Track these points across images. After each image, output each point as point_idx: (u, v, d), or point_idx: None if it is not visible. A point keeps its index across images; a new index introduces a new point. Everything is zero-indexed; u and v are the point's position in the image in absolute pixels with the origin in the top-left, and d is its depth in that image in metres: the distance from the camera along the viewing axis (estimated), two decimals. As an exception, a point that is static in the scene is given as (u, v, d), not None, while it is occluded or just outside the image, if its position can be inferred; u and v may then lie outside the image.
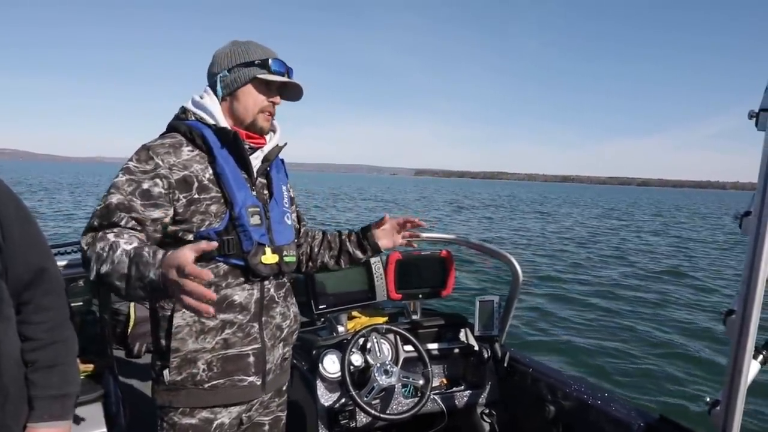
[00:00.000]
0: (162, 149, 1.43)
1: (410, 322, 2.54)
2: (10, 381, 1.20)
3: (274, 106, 1.56)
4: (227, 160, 1.48)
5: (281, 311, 1.60)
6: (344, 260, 1.87)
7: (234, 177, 1.48)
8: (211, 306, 1.40)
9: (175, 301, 1.39)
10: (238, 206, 1.45)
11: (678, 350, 6.33)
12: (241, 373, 1.50)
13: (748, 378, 1.24)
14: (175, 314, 1.44)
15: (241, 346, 1.50)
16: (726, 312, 1.26)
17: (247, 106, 1.52)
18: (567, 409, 2.12)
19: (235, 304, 1.48)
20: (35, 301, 1.25)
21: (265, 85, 1.53)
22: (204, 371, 1.46)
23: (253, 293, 1.51)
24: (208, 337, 1.45)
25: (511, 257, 2.44)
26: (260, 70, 1.51)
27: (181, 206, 1.42)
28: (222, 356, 1.47)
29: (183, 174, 1.43)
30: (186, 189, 1.42)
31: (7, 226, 1.20)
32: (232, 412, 1.54)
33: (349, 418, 2.19)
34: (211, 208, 1.44)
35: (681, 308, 8.48)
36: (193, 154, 1.47)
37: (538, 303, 8.26)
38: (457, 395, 2.44)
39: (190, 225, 1.42)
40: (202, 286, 1.07)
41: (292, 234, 1.64)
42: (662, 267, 12.61)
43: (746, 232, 1.22)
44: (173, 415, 1.49)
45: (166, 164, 1.41)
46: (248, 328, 1.51)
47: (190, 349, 1.44)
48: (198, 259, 1.40)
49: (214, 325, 1.45)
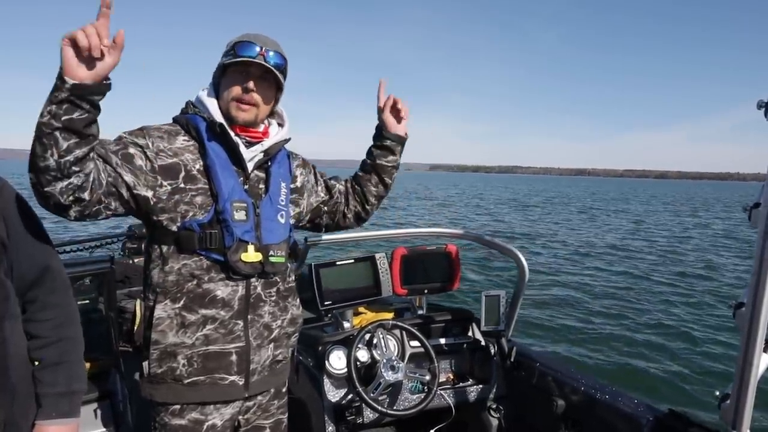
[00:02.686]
0: (156, 132, 1.43)
1: (416, 318, 2.54)
2: (18, 379, 1.21)
3: (249, 93, 1.46)
4: (217, 152, 1.46)
5: (270, 310, 1.54)
6: (382, 177, 1.83)
7: (223, 169, 1.45)
8: (192, 298, 1.41)
9: (158, 291, 1.41)
10: (223, 199, 1.42)
11: (687, 343, 6.30)
12: (222, 371, 1.47)
13: (759, 371, 1.23)
14: (157, 305, 1.43)
15: (223, 343, 1.46)
16: (736, 304, 1.24)
17: (224, 97, 1.48)
18: (575, 403, 2.11)
19: (217, 300, 1.44)
20: (40, 298, 1.26)
21: (240, 73, 1.46)
22: (184, 366, 1.44)
23: (238, 290, 1.47)
24: (188, 331, 1.43)
25: (518, 252, 2.43)
26: (227, 58, 1.46)
27: (164, 193, 1.39)
28: (203, 353, 1.44)
29: (170, 161, 1.41)
30: (171, 176, 1.40)
31: (12, 224, 1.21)
32: (224, 414, 1.51)
33: (356, 414, 2.19)
34: (197, 200, 1.42)
35: (690, 300, 8.44)
36: (187, 144, 1.46)
37: (548, 297, 8.24)
38: (464, 391, 2.43)
39: (174, 214, 1.41)
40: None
41: (285, 233, 1.57)
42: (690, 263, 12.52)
43: (756, 224, 1.20)
44: (164, 416, 1.48)
45: (155, 147, 1.40)
46: (231, 325, 1.47)
47: (170, 342, 1.43)
48: (180, 250, 1.41)
49: (195, 319, 1.43)
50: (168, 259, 1.44)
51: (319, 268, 2.33)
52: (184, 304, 1.43)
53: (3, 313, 1.18)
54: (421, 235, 2.89)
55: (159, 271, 1.45)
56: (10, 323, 1.19)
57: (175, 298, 1.43)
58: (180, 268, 1.43)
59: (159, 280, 1.44)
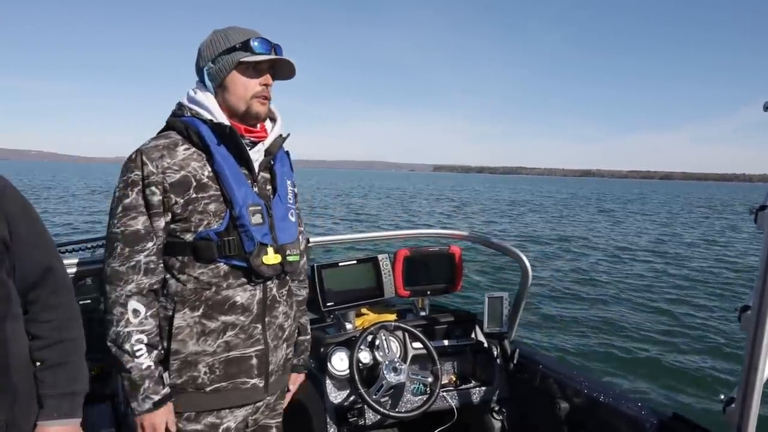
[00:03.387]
0: (155, 153, 1.38)
1: (419, 319, 2.53)
2: (20, 379, 1.21)
3: (267, 89, 1.46)
4: (225, 157, 1.42)
5: (284, 311, 1.55)
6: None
7: (233, 174, 1.42)
8: (211, 305, 1.42)
9: (176, 300, 1.41)
10: (238, 205, 1.40)
11: (692, 346, 6.27)
12: (243, 375, 1.47)
13: (764, 375, 1.22)
14: (176, 314, 1.41)
15: (244, 348, 1.46)
16: (741, 308, 1.23)
17: (238, 94, 1.43)
18: (577, 406, 2.10)
19: (237, 306, 1.44)
20: (42, 299, 1.26)
21: (253, 68, 1.43)
22: (206, 374, 1.43)
23: (256, 294, 1.46)
24: (209, 339, 1.42)
25: (521, 254, 2.42)
26: (243, 53, 1.41)
27: (178, 207, 1.38)
28: (224, 359, 1.43)
29: (179, 176, 1.38)
30: (183, 190, 1.38)
31: (15, 225, 1.21)
32: (238, 416, 1.50)
33: (358, 416, 2.18)
34: (210, 207, 1.40)
35: (696, 302, 8.40)
36: (189, 153, 1.41)
37: (550, 301, 8.22)
38: (467, 393, 2.42)
39: (188, 224, 1.39)
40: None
41: (296, 231, 1.57)
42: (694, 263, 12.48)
43: (762, 226, 1.19)
44: (178, 422, 1.45)
45: (160, 169, 1.36)
46: (251, 329, 1.46)
47: (190, 351, 1.41)
48: (198, 259, 1.40)
49: (216, 326, 1.42)
50: (185, 269, 1.42)
51: (322, 269, 2.33)
52: (203, 312, 1.41)
53: (5, 314, 1.18)
54: (425, 236, 2.88)
55: (175, 280, 1.43)
56: (12, 324, 1.19)
57: (193, 306, 1.41)
58: (198, 277, 1.41)
59: (176, 290, 1.42)
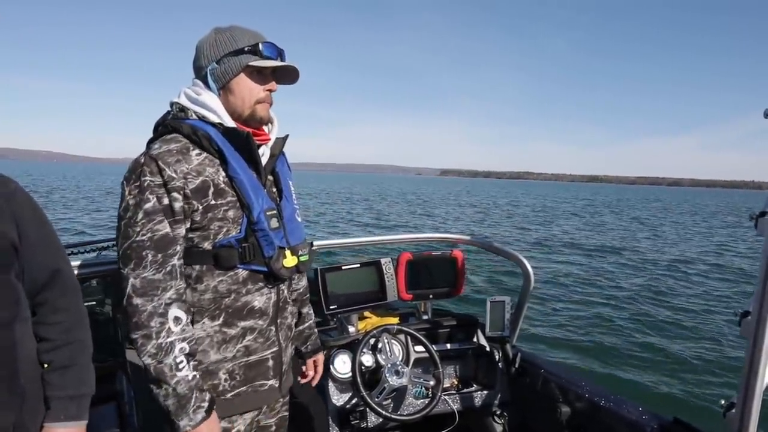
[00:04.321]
0: (171, 157, 1.32)
1: (421, 323, 2.54)
2: (28, 381, 1.22)
3: (271, 94, 1.45)
4: (239, 162, 1.39)
5: (292, 311, 1.60)
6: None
7: (249, 180, 1.39)
8: (231, 313, 1.41)
9: (194, 311, 1.39)
10: (256, 211, 1.38)
11: (693, 351, 6.26)
12: (261, 377, 1.47)
13: (765, 380, 1.22)
14: (195, 326, 1.38)
15: (262, 351, 1.46)
16: (742, 313, 1.24)
17: (243, 98, 1.41)
18: (579, 410, 2.10)
19: (255, 310, 1.44)
20: (51, 302, 1.27)
21: (259, 73, 1.42)
22: (226, 381, 1.42)
23: (272, 297, 1.47)
24: (229, 346, 1.41)
25: (523, 258, 2.43)
26: (252, 57, 1.38)
27: (198, 214, 1.34)
28: (244, 364, 1.44)
29: (198, 181, 1.34)
30: (202, 196, 1.34)
31: (24, 227, 1.22)
32: (247, 418, 1.50)
33: (360, 419, 2.19)
34: (229, 214, 1.37)
35: (696, 307, 8.39)
36: (202, 158, 1.37)
37: (553, 304, 8.22)
38: (468, 396, 2.43)
39: (207, 232, 1.36)
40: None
41: (303, 231, 1.57)
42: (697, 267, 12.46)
43: (762, 232, 1.20)
44: None
45: (180, 174, 1.31)
46: (267, 332, 1.47)
47: (211, 361, 1.40)
48: (218, 267, 1.37)
49: (236, 333, 1.41)
50: (202, 278, 1.39)
51: (325, 272, 2.34)
52: (224, 320, 1.40)
53: (14, 316, 1.19)
54: (428, 240, 2.89)
55: (192, 290, 1.39)
56: (21, 326, 1.21)
57: (213, 315, 1.39)
58: (216, 286, 1.39)
59: (194, 300, 1.39)
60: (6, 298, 1.18)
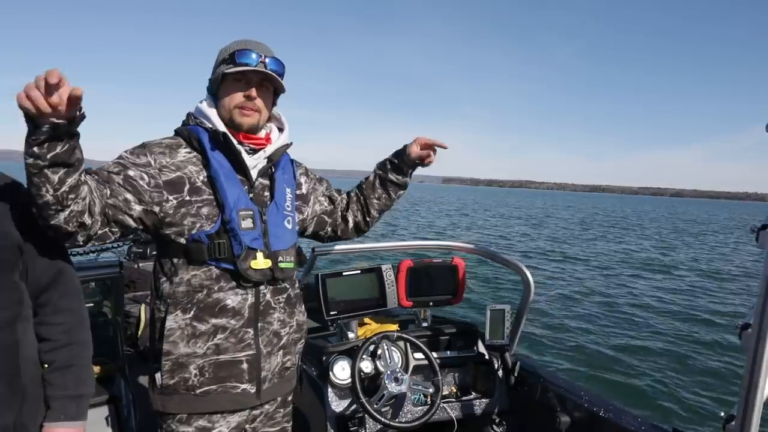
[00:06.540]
0: (157, 149, 1.44)
1: (421, 330, 2.54)
2: (29, 381, 1.22)
3: (251, 101, 1.49)
4: (221, 162, 1.47)
5: (280, 318, 1.56)
6: (389, 192, 1.88)
7: (227, 179, 1.46)
8: (202, 308, 1.42)
9: (169, 302, 1.42)
10: (228, 209, 1.43)
11: (693, 362, 6.24)
12: (233, 380, 1.48)
13: (765, 393, 1.22)
14: (168, 317, 1.44)
15: (234, 352, 1.47)
16: (742, 326, 1.24)
17: (225, 104, 1.50)
18: (578, 420, 2.10)
19: (228, 309, 1.46)
20: (53, 302, 1.28)
21: (238, 80, 1.49)
22: (196, 376, 1.45)
23: (247, 298, 1.48)
24: (199, 341, 1.44)
25: (524, 267, 2.43)
26: (227, 66, 1.48)
27: (170, 207, 1.41)
28: (214, 362, 1.45)
29: (174, 176, 1.43)
30: (176, 190, 1.42)
31: (29, 229, 1.23)
32: (231, 421, 1.51)
33: (359, 425, 2.19)
34: (203, 211, 1.43)
35: (697, 318, 8.37)
36: (189, 156, 1.47)
37: (554, 313, 8.20)
38: (467, 404, 2.42)
39: (181, 228, 1.42)
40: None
41: (292, 239, 1.59)
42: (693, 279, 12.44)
43: (762, 245, 1.20)
44: (171, 423, 1.48)
45: (158, 165, 1.41)
46: (241, 333, 1.48)
47: (181, 353, 1.44)
48: (190, 261, 1.43)
49: (206, 329, 1.44)
50: (178, 271, 1.45)
51: (326, 278, 2.34)
52: (194, 314, 1.44)
53: (16, 316, 1.20)
54: (429, 248, 2.89)
55: (169, 282, 1.46)
56: (23, 326, 1.21)
57: (185, 308, 1.44)
58: (190, 279, 1.44)
59: (169, 292, 1.46)
60: (9, 298, 1.19)
